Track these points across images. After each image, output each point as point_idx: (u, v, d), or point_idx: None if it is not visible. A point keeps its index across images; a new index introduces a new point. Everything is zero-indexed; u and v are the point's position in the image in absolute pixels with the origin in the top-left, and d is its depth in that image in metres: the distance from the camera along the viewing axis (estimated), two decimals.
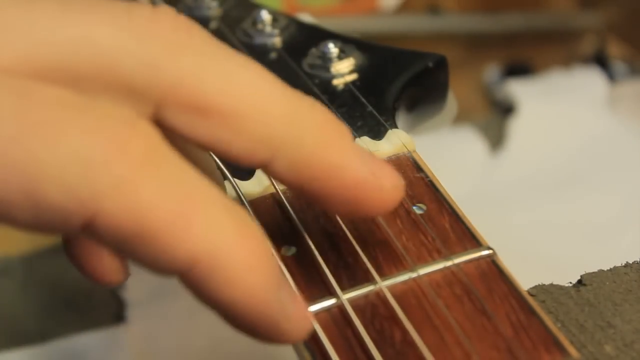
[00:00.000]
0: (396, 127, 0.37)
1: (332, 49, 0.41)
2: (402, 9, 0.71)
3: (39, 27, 0.27)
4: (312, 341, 0.29)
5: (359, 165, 0.29)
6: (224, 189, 0.35)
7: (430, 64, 0.40)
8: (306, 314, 0.29)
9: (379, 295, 0.30)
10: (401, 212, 0.33)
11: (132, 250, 0.26)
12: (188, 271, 0.26)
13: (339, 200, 0.29)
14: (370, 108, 0.38)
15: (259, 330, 0.28)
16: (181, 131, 0.28)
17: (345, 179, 0.29)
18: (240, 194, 0.34)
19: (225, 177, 0.35)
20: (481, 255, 0.31)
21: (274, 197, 0.34)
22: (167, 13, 0.28)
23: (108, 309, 0.51)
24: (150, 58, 0.27)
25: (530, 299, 0.30)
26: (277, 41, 0.43)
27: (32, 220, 0.25)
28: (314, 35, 0.42)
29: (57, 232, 0.26)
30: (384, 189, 0.30)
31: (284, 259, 0.32)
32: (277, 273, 0.28)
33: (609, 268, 0.36)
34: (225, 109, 0.28)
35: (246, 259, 0.27)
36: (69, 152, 0.25)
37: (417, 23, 0.70)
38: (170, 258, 0.26)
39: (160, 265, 0.26)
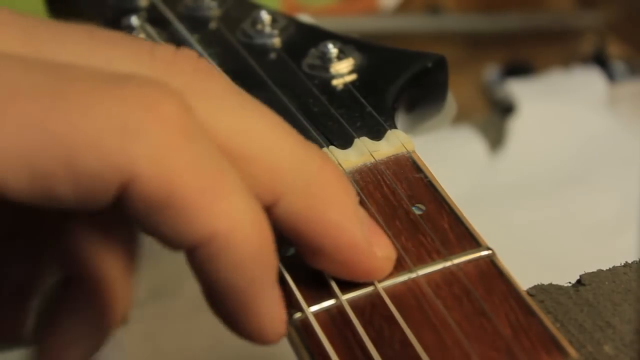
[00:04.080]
0: (395, 127, 0.37)
1: (332, 49, 0.41)
2: (401, 9, 0.71)
3: (64, 52, 0.28)
4: (312, 341, 0.29)
5: (356, 230, 0.30)
6: None
7: (430, 64, 0.40)
8: (284, 320, 0.29)
9: (378, 295, 0.30)
10: (400, 212, 0.33)
11: (157, 219, 0.26)
12: (202, 245, 0.27)
13: (328, 258, 0.30)
14: (369, 108, 0.38)
15: (236, 319, 0.29)
16: None
17: (340, 240, 0.30)
18: None
19: None
20: (480, 256, 0.31)
21: None
22: (189, 56, 0.29)
23: None
24: None
25: (529, 299, 0.30)
26: (276, 41, 0.43)
27: (73, 191, 0.26)
28: (314, 36, 0.42)
29: (95, 205, 0.26)
30: (376, 258, 0.30)
31: (283, 260, 0.32)
32: (276, 272, 0.29)
33: (608, 268, 0.36)
34: (233, 151, 0.28)
35: (258, 248, 0.27)
36: (104, 119, 0.25)
37: (417, 23, 0.70)
38: (191, 229, 0.26)
39: (180, 236, 0.27)
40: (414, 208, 0.33)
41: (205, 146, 0.27)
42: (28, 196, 0.25)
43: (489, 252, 0.32)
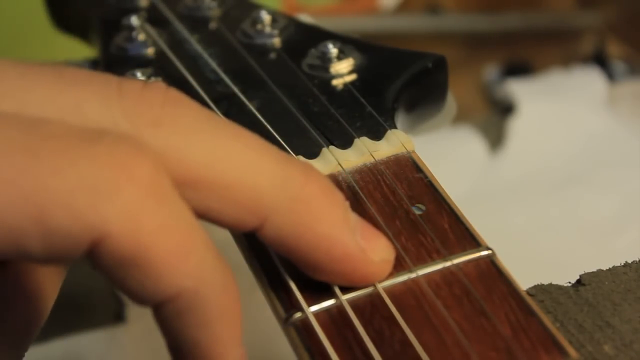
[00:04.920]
0: (395, 127, 0.37)
1: (332, 49, 0.41)
2: (401, 9, 0.71)
3: (33, 95, 0.28)
4: (312, 341, 0.30)
5: (348, 239, 0.30)
6: None
7: (430, 64, 0.40)
8: None
9: (378, 295, 0.30)
10: (400, 212, 0.33)
11: (125, 274, 0.27)
12: (168, 302, 0.27)
13: (325, 270, 0.30)
14: (369, 108, 0.38)
15: None
16: None
17: (333, 252, 0.30)
18: None
19: None
20: (480, 256, 0.31)
21: None
22: (157, 88, 0.29)
23: (108, 309, 0.52)
24: (137, 135, 0.28)
25: (529, 299, 0.30)
26: (276, 41, 0.43)
27: (42, 247, 0.26)
28: (313, 36, 0.42)
29: (65, 260, 0.27)
30: (372, 263, 0.30)
31: (283, 260, 0.32)
32: (241, 331, 0.29)
33: (607, 268, 0.36)
34: (211, 180, 0.29)
35: (224, 307, 0.28)
36: (77, 179, 0.26)
37: (417, 23, 0.70)
38: (158, 287, 0.27)
39: (146, 292, 0.27)
40: (414, 208, 0.33)
41: (175, 207, 0.27)
42: None
43: (489, 252, 0.32)
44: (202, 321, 0.28)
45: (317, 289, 0.31)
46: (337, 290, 0.30)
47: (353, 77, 0.40)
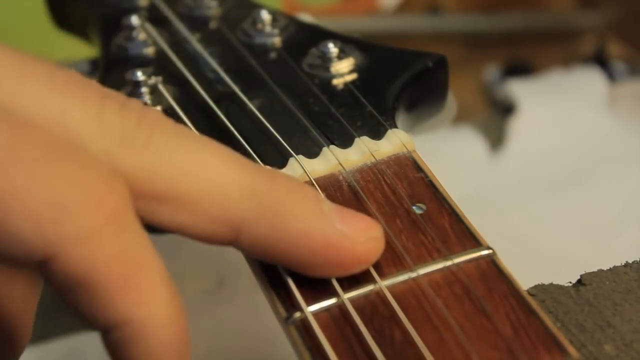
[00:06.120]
0: (396, 126, 0.37)
1: (332, 48, 0.41)
2: (402, 9, 0.71)
3: (24, 90, 0.28)
4: (312, 341, 0.29)
5: (326, 228, 0.30)
6: None
7: (430, 64, 0.40)
8: None
9: (379, 295, 0.30)
10: (401, 212, 0.33)
11: (73, 294, 0.27)
12: (115, 329, 0.27)
13: (313, 265, 0.30)
14: (369, 108, 0.38)
15: None
16: (144, 218, 0.29)
17: (314, 245, 0.30)
18: None
19: None
20: (481, 255, 0.31)
21: None
22: (134, 108, 0.30)
23: None
24: (110, 151, 0.29)
25: (529, 299, 0.30)
26: (276, 41, 0.43)
27: None
28: (314, 35, 0.42)
29: (13, 262, 0.28)
30: (359, 244, 0.30)
31: None
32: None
33: (608, 268, 0.36)
34: (179, 195, 0.29)
35: (172, 338, 0.28)
36: (48, 194, 0.26)
37: (417, 23, 0.70)
38: (105, 313, 0.27)
39: (93, 316, 0.27)
40: (414, 207, 0.33)
41: (133, 235, 0.28)
42: None
43: (490, 251, 0.32)
44: (149, 352, 0.28)
45: (318, 288, 0.31)
46: (338, 290, 0.30)
47: (353, 76, 0.40)
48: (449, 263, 0.31)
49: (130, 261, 0.27)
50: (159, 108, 0.39)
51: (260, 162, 0.35)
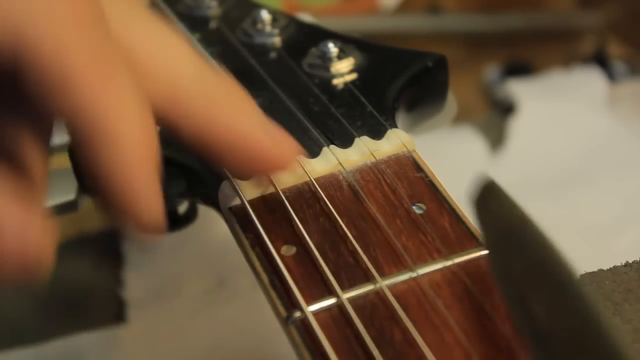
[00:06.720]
0: (396, 126, 0.37)
1: (332, 48, 0.41)
2: (402, 9, 0.71)
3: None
4: (312, 341, 0.29)
5: (253, 119, 0.32)
6: None
7: (430, 64, 0.40)
8: (160, 212, 0.29)
9: (379, 294, 0.30)
10: (401, 211, 0.33)
11: (41, 81, 0.27)
12: (76, 121, 0.28)
13: (230, 153, 0.32)
14: (370, 108, 0.38)
15: (110, 202, 0.29)
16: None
17: (238, 133, 0.32)
18: (241, 194, 0.34)
19: (226, 177, 0.35)
20: (481, 255, 0.31)
21: (274, 197, 0.34)
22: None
23: (108, 309, 0.51)
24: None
25: None
26: (277, 41, 0.43)
27: None
28: (314, 35, 0.42)
29: None
30: (279, 143, 0.33)
31: (284, 259, 0.32)
32: (153, 173, 0.29)
33: (608, 267, 0.36)
34: (138, 49, 0.30)
35: (138, 145, 0.28)
36: None
37: (417, 23, 0.70)
38: (70, 99, 0.27)
39: (55, 101, 0.27)
40: (414, 207, 0.33)
41: (108, 40, 0.28)
42: None
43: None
44: (116, 161, 0.28)
45: (318, 288, 0.31)
46: (338, 289, 0.30)
47: (353, 76, 0.40)
48: (449, 263, 0.31)
49: (105, 60, 0.28)
50: None
51: None
